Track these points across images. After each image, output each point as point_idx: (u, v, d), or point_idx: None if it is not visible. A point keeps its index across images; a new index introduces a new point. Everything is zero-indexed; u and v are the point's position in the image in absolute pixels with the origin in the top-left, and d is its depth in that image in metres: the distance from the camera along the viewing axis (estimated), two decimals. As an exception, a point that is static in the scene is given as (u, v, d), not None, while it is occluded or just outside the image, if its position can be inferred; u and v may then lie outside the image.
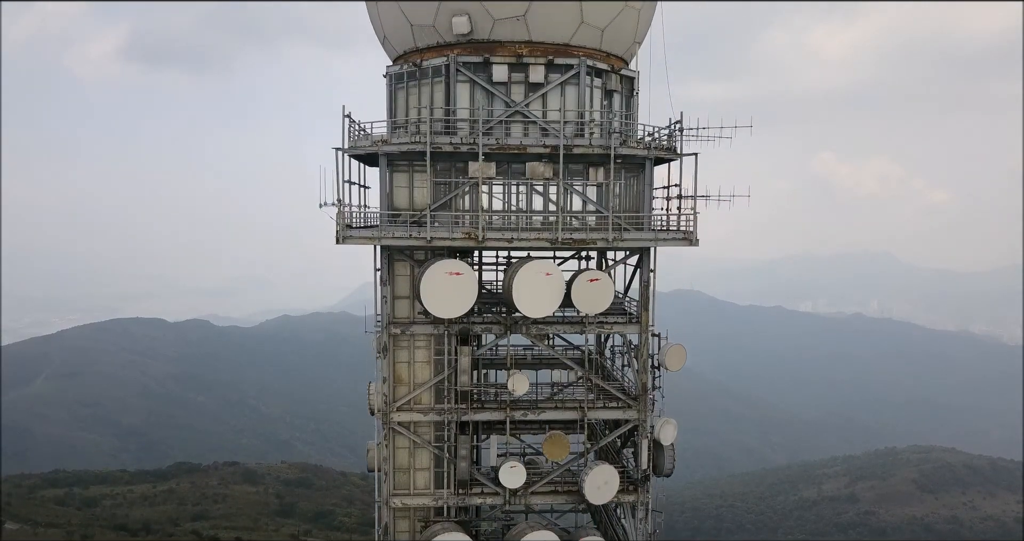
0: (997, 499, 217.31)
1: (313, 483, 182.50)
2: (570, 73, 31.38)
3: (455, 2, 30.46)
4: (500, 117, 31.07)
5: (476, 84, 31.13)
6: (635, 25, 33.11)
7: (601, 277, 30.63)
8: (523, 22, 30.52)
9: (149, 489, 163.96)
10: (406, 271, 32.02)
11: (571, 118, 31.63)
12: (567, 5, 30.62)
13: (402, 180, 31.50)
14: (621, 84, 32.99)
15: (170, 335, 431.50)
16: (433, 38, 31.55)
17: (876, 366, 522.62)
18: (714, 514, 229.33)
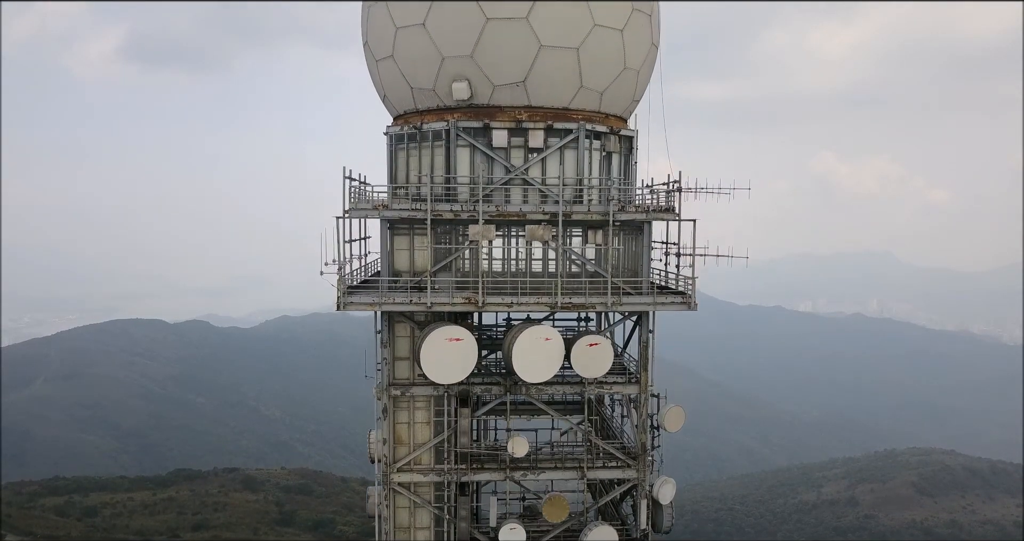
0: (997, 502, 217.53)
1: (313, 489, 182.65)
2: (569, 138, 31.62)
3: (455, 68, 30.57)
4: (500, 182, 31.23)
5: (476, 149, 31.31)
6: (634, 85, 33.33)
7: (601, 341, 30.82)
8: (522, 88, 30.73)
9: (149, 497, 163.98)
10: (406, 333, 32.22)
11: (570, 182, 31.82)
12: (567, 71, 30.80)
13: (403, 243, 31.74)
14: (620, 144, 33.18)
15: (170, 336, 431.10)
16: (433, 101, 31.74)
17: (876, 366, 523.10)
18: (713, 517, 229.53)
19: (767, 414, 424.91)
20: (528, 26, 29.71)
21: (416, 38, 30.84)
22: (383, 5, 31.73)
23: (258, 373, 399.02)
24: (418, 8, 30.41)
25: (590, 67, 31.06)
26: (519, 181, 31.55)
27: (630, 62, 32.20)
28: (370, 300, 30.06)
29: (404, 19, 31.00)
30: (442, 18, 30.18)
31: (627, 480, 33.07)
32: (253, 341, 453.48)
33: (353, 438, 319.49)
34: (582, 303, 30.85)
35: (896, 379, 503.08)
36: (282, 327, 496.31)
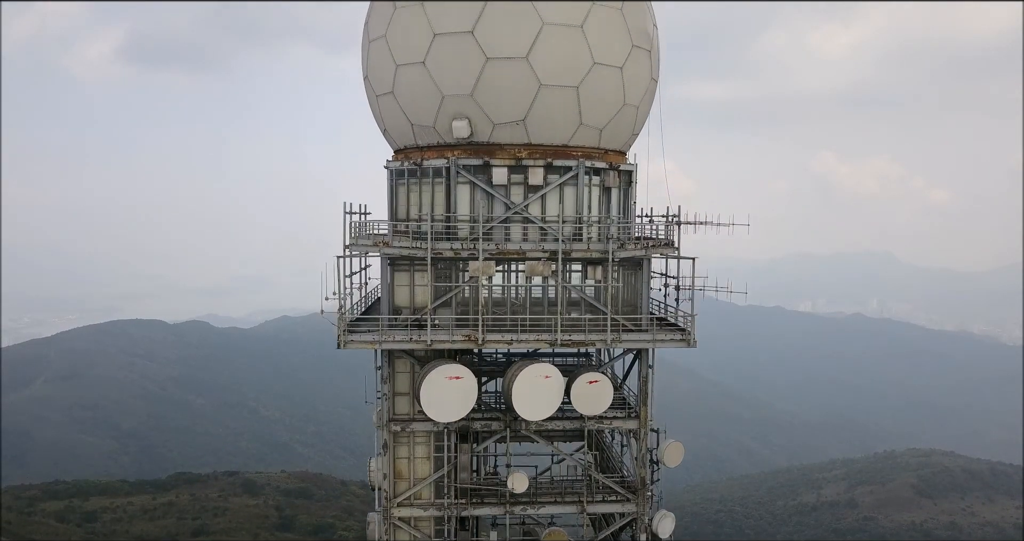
0: (996, 504, 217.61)
1: (313, 493, 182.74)
2: (568, 175, 31.77)
3: (455, 106, 30.68)
4: (500, 219, 31.36)
5: (476, 186, 31.43)
6: (633, 121, 33.46)
7: (600, 379, 30.97)
8: (522, 126, 30.86)
9: (149, 501, 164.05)
10: (406, 368, 32.38)
11: (570, 218, 31.97)
12: (566, 109, 30.93)
13: (403, 279, 31.87)
14: (619, 178, 33.25)
15: (169, 337, 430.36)
16: (434, 138, 31.87)
17: (875, 366, 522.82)
18: (713, 519, 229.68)
19: (767, 414, 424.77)
20: (528, 65, 29.84)
21: (416, 76, 30.96)
22: (383, 41, 31.83)
23: (258, 374, 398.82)
24: (418, 46, 30.53)
25: (590, 105, 31.20)
26: (519, 218, 31.69)
27: (630, 98, 32.32)
28: (370, 339, 30.22)
29: (404, 57, 31.12)
30: (442, 57, 30.31)
31: (627, 514, 33.18)
32: (253, 342, 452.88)
33: (353, 439, 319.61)
34: (582, 340, 30.98)
35: (896, 379, 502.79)
36: (282, 327, 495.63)
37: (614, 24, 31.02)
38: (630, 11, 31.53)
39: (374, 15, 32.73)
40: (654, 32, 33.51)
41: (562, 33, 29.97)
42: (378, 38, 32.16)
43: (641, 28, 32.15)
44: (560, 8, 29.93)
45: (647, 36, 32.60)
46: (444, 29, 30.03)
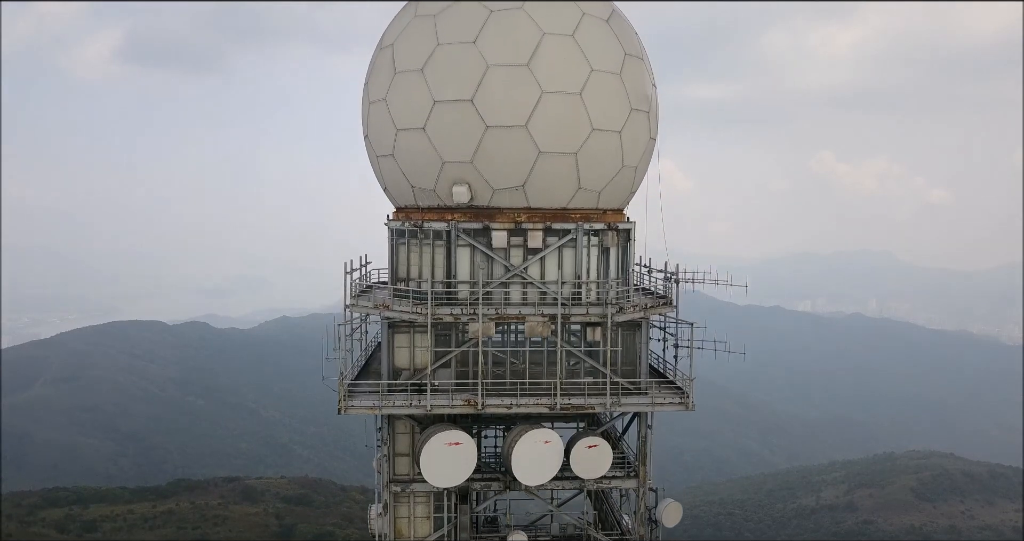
0: (995, 507, 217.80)
1: (313, 500, 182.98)
2: (567, 238, 32.00)
3: (455, 171, 30.90)
4: (499, 280, 31.54)
5: (476, 249, 31.61)
6: (632, 180, 33.69)
7: (599, 443, 31.17)
8: (522, 191, 31.09)
9: (149, 510, 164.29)
10: (407, 429, 32.61)
11: (569, 279, 32.17)
12: (565, 174, 31.16)
13: (403, 340, 32.06)
14: (617, 237, 33.38)
15: (169, 338, 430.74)
16: (434, 200, 32.07)
17: (875, 366, 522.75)
18: (713, 522, 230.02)
19: (766, 414, 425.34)
20: (527, 133, 30.05)
21: (416, 141, 31.18)
22: (383, 105, 32.02)
23: (257, 375, 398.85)
24: (419, 112, 30.75)
25: (588, 169, 31.46)
26: (518, 279, 31.87)
27: (628, 161, 32.54)
28: (371, 404, 30.41)
29: (404, 122, 31.32)
30: (442, 124, 30.53)
31: (627, 571, 33.41)
32: (253, 342, 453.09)
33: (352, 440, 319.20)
34: (581, 404, 31.15)
35: (895, 379, 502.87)
36: (282, 328, 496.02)
37: (613, 90, 31.25)
38: (629, 76, 31.73)
39: (374, 77, 32.90)
40: (653, 92, 33.70)
41: (561, 101, 30.20)
42: (378, 101, 32.35)
43: (640, 91, 32.34)
44: (559, 76, 30.19)
45: (646, 98, 32.78)
46: (444, 97, 30.26)
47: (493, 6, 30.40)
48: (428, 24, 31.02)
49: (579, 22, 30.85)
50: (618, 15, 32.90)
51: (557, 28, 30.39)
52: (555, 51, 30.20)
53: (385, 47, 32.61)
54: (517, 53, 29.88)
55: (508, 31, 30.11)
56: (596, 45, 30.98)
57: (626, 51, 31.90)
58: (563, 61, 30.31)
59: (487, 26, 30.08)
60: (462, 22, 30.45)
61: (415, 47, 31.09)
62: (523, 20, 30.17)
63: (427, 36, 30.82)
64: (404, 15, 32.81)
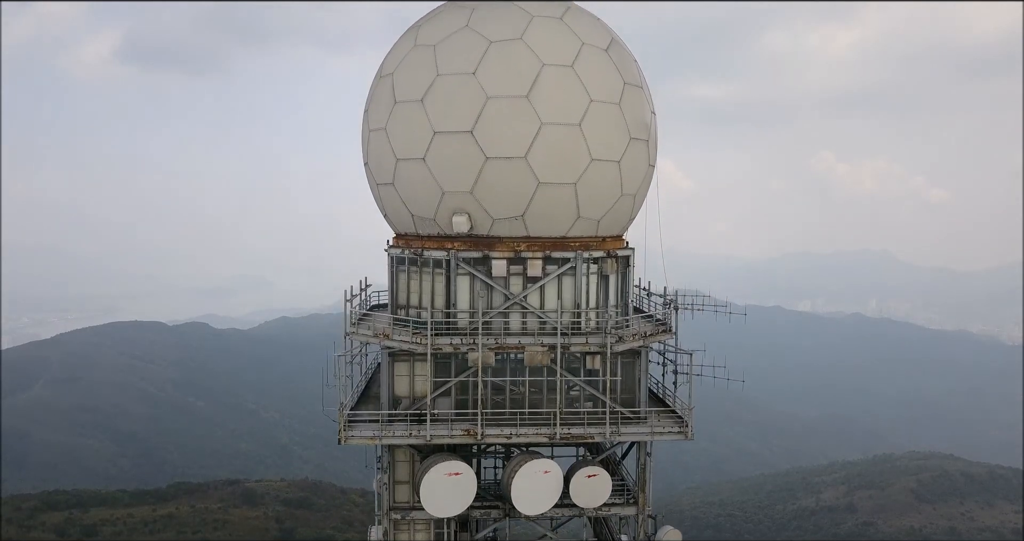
0: (995, 509, 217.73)
1: (313, 503, 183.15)
2: (567, 266, 32.05)
3: (455, 201, 30.99)
4: (499, 309, 31.62)
5: (476, 277, 31.65)
6: (631, 208, 33.81)
7: (599, 473, 31.27)
8: (521, 221, 31.17)
9: (149, 513, 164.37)
10: (406, 457, 32.67)
11: (568, 307, 32.21)
12: (565, 204, 31.24)
13: (403, 369, 32.12)
14: (617, 264, 33.45)
15: (169, 339, 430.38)
16: (434, 229, 32.17)
17: (874, 366, 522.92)
18: (713, 523, 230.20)
19: (765, 415, 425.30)
20: (527, 164, 30.15)
21: (416, 171, 31.27)
22: (383, 133, 32.10)
23: (257, 376, 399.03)
24: (419, 143, 30.85)
25: (587, 199, 31.57)
26: (518, 307, 31.95)
27: (627, 189, 32.65)
28: (371, 434, 30.52)
29: (405, 152, 31.40)
30: (442, 154, 30.63)
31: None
32: (252, 343, 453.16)
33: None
34: (581, 434, 31.26)
35: (895, 379, 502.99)
36: (282, 328, 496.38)
37: (612, 120, 31.35)
38: (628, 105, 31.82)
39: (374, 106, 32.98)
40: (652, 119, 33.77)
41: (560, 132, 30.28)
42: (378, 129, 32.43)
43: (639, 120, 32.41)
44: (559, 108, 30.28)
45: (645, 127, 32.84)
46: (444, 128, 30.34)
47: (493, 36, 30.48)
48: (428, 54, 31.09)
49: (578, 52, 30.94)
50: (617, 43, 32.96)
51: (556, 59, 30.48)
52: (554, 82, 30.27)
53: (385, 76, 32.67)
54: (517, 85, 29.94)
55: (508, 62, 30.19)
56: (595, 75, 31.05)
57: (625, 80, 31.96)
58: (562, 92, 30.39)
59: (487, 57, 30.14)
60: (462, 53, 30.52)
61: (415, 77, 31.16)
62: (522, 51, 30.25)
63: (427, 66, 30.89)
64: (404, 44, 32.87)
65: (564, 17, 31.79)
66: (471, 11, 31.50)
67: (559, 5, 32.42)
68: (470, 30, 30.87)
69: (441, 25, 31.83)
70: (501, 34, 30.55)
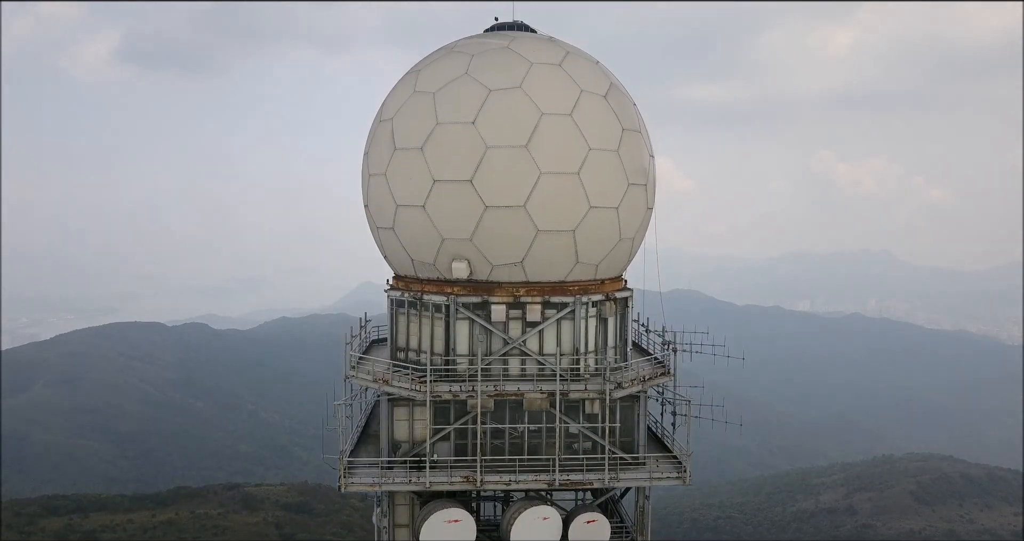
0: (994, 511, 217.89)
1: (312, 507, 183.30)
2: (566, 311, 32.12)
3: (455, 248, 31.11)
4: (498, 353, 31.75)
5: (475, 322, 31.76)
6: (629, 251, 33.94)
7: (598, 518, 31.39)
8: (520, 267, 31.28)
9: (149, 519, 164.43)
10: (406, 501, 32.87)
11: (567, 351, 32.33)
12: (563, 250, 31.37)
13: (402, 414, 32.17)
14: (615, 306, 33.55)
15: (168, 339, 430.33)
16: (433, 273, 32.31)
17: (874, 366, 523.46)
18: (712, 525, 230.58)
19: (765, 416, 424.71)
20: (526, 213, 30.27)
21: (416, 218, 31.41)
22: (383, 179, 32.20)
23: (257, 376, 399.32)
24: (418, 190, 30.98)
25: (586, 245, 31.72)
26: (517, 352, 32.02)
27: (625, 233, 32.78)
28: (371, 480, 30.61)
29: (404, 198, 31.55)
30: (442, 203, 30.79)
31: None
32: (252, 343, 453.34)
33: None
34: (580, 480, 31.37)
35: (894, 379, 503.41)
36: (281, 329, 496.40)
37: (610, 167, 31.44)
38: (626, 151, 31.92)
39: (374, 150, 33.08)
40: (650, 163, 33.86)
41: (559, 181, 30.39)
42: (378, 175, 32.56)
43: (637, 165, 32.50)
44: (558, 157, 30.40)
45: (643, 171, 32.94)
46: (444, 176, 30.46)
47: (492, 85, 30.56)
48: (427, 101, 31.16)
49: (577, 100, 31.03)
50: (616, 88, 33.04)
51: (555, 108, 30.57)
52: (553, 132, 30.37)
53: (384, 120, 32.76)
54: (516, 135, 30.03)
55: (507, 112, 30.28)
56: (594, 123, 31.16)
57: (624, 126, 32.05)
58: (561, 141, 30.49)
59: (486, 106, 30.22)
60: (461, 102, 30.60)
61: (415, 124, 31.28)
62: (521, 100, 30.34)
63: (426, 114, 30.98)
64: (403, 89, 32.93)
65: (563, 63, 31.86)
66: (470, 58, 31.59)
67: (558, 50, 32.51)
68: (469, 78, 30.95)
69: (440, 72, 31.89)
70: (500, 82, 30.62)
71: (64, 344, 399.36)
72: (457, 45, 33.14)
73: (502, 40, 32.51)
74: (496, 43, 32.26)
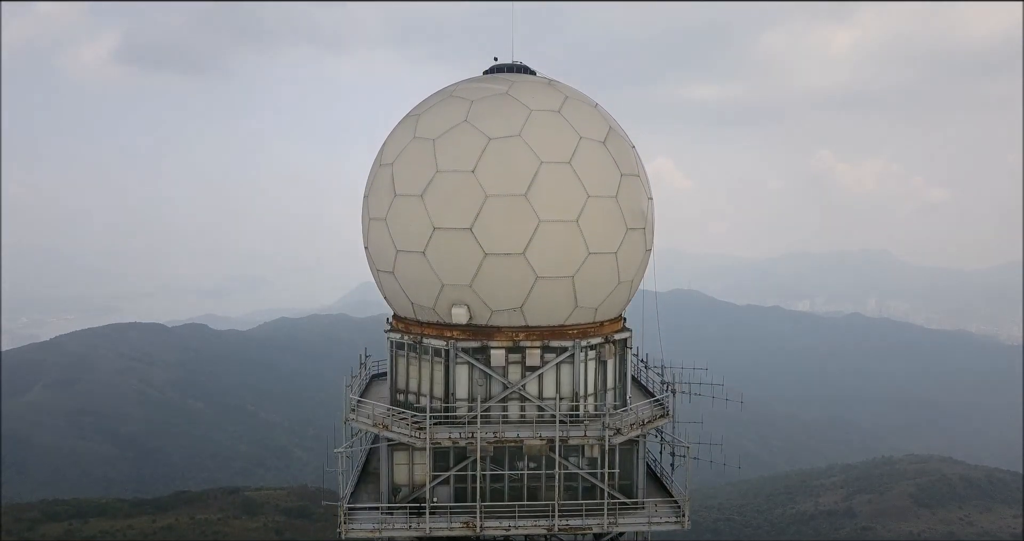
0: (994, 513, 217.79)
1: (312, 512, 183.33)
2: (565, 355, 32.21)
3: (454, 293, 31.26)
4: (497, 398, 31.87)
5: (474, 367, 31.87)
6: (628, 293, 34.08)
7: (597, 562, 31.42)
8: (520, 312, 31.40)
9: (148, 524, 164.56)
10: (406, 539, 32.85)
11: (567, 395, 32.50)
12: (562, 296, 31.51)
13: (402, 458, 32.35)
14: (615, 348, 33.64)
15: (168, 340, 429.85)
16: (433, 317, 32.39)
17: (873, 365, 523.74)
18: (712, 527, 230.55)
19: (765, 416, 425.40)
20: (525, 260, 30.40)
21: (416, 263, 31.56)
22: (383, 224, 32.29)
23: (256, 377, 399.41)
24: (419, 237, 31.14)
25: (585, 290, 31.85)
26: (516, 396, 32.13)
27: (624, 277, 32.90)
28: (371, 526, 30.74)
29: (404, 244, 31.70)
30: (442, 250, 30.94)
31: None
32: (251, 344, 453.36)
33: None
34: (579, 525, 31.51)
35: (894, 378, 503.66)
36: (281, 329, 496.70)
37: (609, 213, 31.56)
38: (625, 196, 32.02)
39: (374, 195, 33.19)
40: (648, 205, 33.92)
41: (558, 229, 30.52)
42: (379, 219, 32.68)
43: (636, 209, 32.59)
44: (557, 205, 30.52)
45: (641, 215, 33.03)
46: (444, 224, 30.60)
47: (491, 133, 30.66)
48: (427, 148, 31.26)
49: (576, 148, 31.13)
50: (615, 132, 33.12)
51: (554, 156, 30.68)
52: (552, 180, 30.48)
53: (384, 165, 32.85)
54: (515, 184, 30.16)
55: (506, 161, 30.39)
56: (592, 170, 31.28)
57: (622, 171, 32.15)
58: (560, 190, 30.61)
59: (485, 155, 30.33)
60: (461, 150, 30.72)
61: (415, 171, 31.39)
62: (521, 149, 30.44)
63: (427, 161, 31.10)
64: (403, 133, 32.99)
65: (562, 109, 31.94)
66: (470, 104, 31.67)
67: (557, 95, 32.57)
68: (469, 125, 31.03)
69: (440, 117, 31.99)
70: (499, 131, 30.72)
71: (64, 345, 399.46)
72: (457, 89, 33.22)
73: (501, 85, 32.59)
74: (495, 88, 32.35)
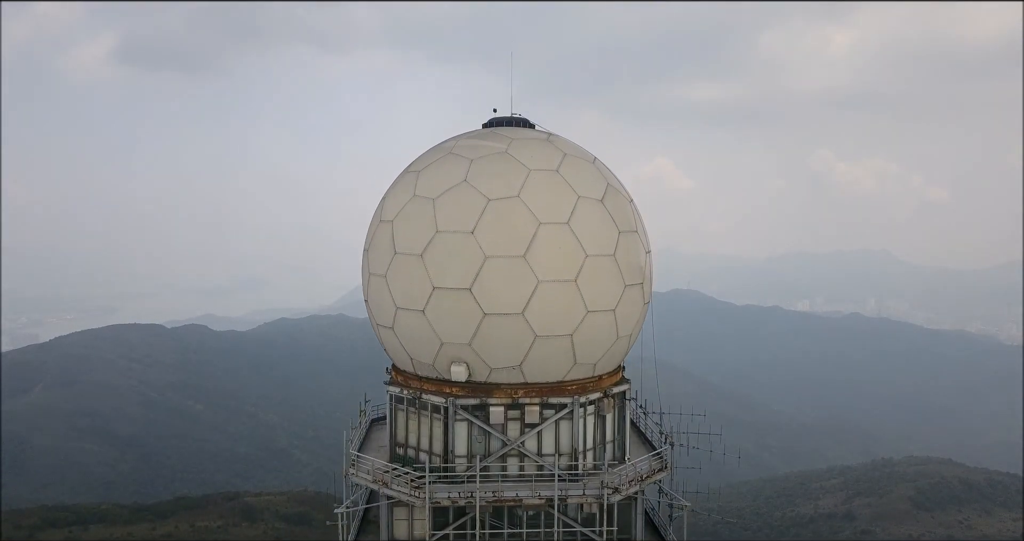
0: (993, 516, 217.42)
1: (312, 518, 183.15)
2: (564, 411, 32.35)
3: (454, 351, 31.39)
4: (496, 454, 32.01)
5: (473, 424, 32.04)
6: (626, 347, 34.17)
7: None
8: (519, 370, 31.52)
9: (148, 531, 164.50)
10: (406, 599, 33.03)
11: (566, 451, 32.62)
12: (561, 354, 31.67)
13: (402, 514, 32.50)
14: (614, 402, 33.75)
15: (168, 341, 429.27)
16: (432, 373, 32.51)
17: (873, 366, 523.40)
18: (711, 530, 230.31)
19: (764, 416, 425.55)
20: (524, 320, 30.57)
21: (416, 321, 31.72)
22: (383, 280, 32.41)
23: (257, 378, 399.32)
24: (418, 296, 31.31)
25: (583, 347, 32.02)
26: (515, 452, 32.26)
27: (622, 332, 33.05)
28: (371, 585, 30.83)
29: (404, 302, 31.82)
30: (441, 309, 31.13)
31: None
32: (251, 345, 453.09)
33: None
34: (578, 582, 31.58)
35: (893, 378, 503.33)
36: (280, 330, 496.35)
37: (607, 271, 31.73)
38: (623, 254, 32.18)
39: (375, 251, 33.35)
40: (646, 259, 34.03)
41: (557, 288, 30.69)
42: (379, 275, 32.83)
43: (634, 265, 32.72)
44: (555, 266, 30.70)
45: (639, 270, 33.15)
46: (443, 284, 30.79)
47: (490, 194, 30.82)
48: (427, 207, 31.42)
49: (574, 207, 31.28)
50: (613, 188, 33.26)
51: (552, 217, 30.84)
52: (551, 241, 30.66)
53: (385, 221, 33.00)
54: (514, 245, 30.35)
55: (505, 222, 30.57)
56: (591, 229, 31.46)
57: (620, 229, 32.30)
58: (559, 250, 30.78)
59: (485, 216, 30.51)
60: (461, 210, 30.91)
61: (415, 230, 31.59)
62: (520, 210, 30.61)
63: (426, 221, 31.30)
64: (403, 190, 33.12)
65: (560, 168, 32.06)
66: (469, 163, 31.78)
67: (555, 152, 32.71)
68: (468, 185, 31.21)
69: (440, 176, 32.17)
70: (498, 191, 30.88)
71: (63, 346, 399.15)
72: (456, 146, 33.32)
73: (501, 143, 32.69)
74: (494, 147, 32.43)
